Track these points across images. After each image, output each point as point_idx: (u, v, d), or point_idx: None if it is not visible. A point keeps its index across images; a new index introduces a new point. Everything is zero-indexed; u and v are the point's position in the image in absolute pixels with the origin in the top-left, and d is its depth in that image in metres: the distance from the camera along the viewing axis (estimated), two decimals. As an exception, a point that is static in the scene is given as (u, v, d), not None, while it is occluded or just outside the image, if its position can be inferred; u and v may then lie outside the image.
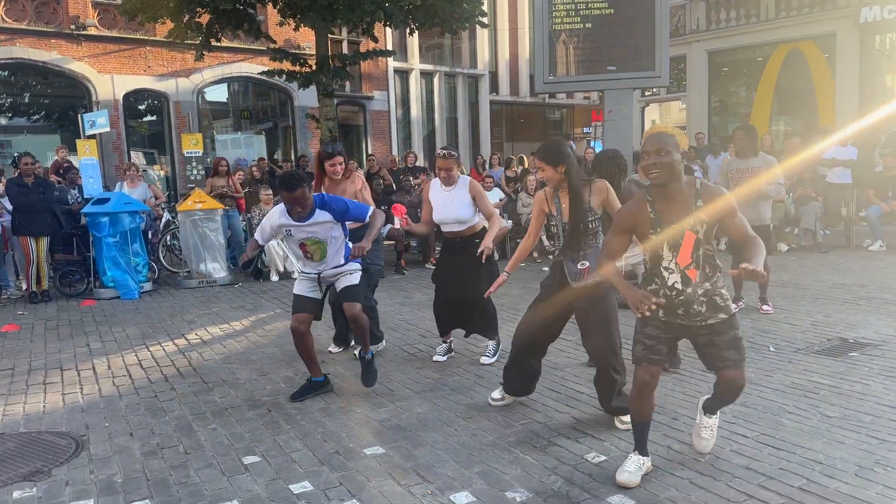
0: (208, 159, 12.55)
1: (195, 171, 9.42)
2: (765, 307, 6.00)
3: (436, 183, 4.72)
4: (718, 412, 3.23)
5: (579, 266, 3.55)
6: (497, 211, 5.10)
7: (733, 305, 2.93)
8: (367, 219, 4.12)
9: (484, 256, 4.36)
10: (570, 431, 3.57)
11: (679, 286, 2.84)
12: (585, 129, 23.56)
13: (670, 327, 2.94)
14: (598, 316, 3.55)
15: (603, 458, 3.24)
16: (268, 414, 3.99)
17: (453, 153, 4.61)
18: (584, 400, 4.02)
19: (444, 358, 4.93)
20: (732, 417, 3.65)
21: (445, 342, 5.01)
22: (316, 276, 4.14)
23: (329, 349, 5.28)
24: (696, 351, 3.02)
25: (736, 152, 6.22)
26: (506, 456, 3.30)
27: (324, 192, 4.45)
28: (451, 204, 4.60)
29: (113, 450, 3.54)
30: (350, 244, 4.19)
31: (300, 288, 4.21)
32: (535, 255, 9.55)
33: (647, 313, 2.76)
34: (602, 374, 3.61)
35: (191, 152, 9.51)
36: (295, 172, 4.12)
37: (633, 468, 2.98)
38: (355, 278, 4.13)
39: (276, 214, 4.08)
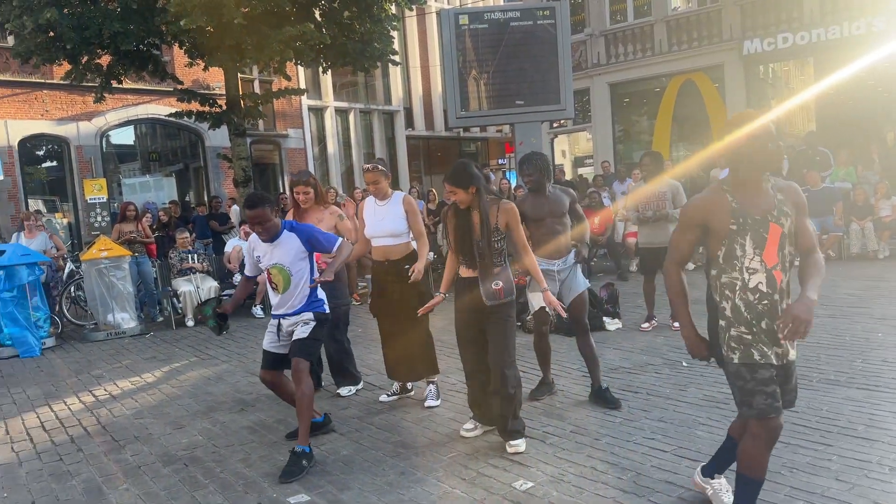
0: (115, 205, 12.04)
1: (100, 218, 9.01)
2: (676, 324, 6.27)
3: (370, 200, 4.70)
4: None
5: (493, 287, 3.65)
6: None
7: (645, 324, 2.81)
8: (334, 250, 4.00)
9: (413, 277, 4.37)
10: (498, 460, 3.59)
11: (764, 288, 2.47)
12: (500, 161, 24.17)
13: (770, 360, 2.49)
14: (498, 328, 3.68)
15: (530, 484, 3.26)
16: (184, 469, 3.80)
17: (378, 166, 4.59)
18: (510, 428, 4.05)
19: (394, 398, 4.78)
20: (651, 433, 3.78)
21: (395, 382, 4.87)
22: (277, 323, 3.99)
23: (339, 391, 5.01)
24: None
25: (643, 178, 6.54)
26: (434, 491, 3.27)
27: (293, 220, 4.33)
28: (385, 217, 4.57)
29: (12, 523, 3.27)
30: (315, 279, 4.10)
31: (266, 341, 4.05)
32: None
33: (704, 360, 2.60)
34: (498, 389, 3.62)
35: (94, 198, 9.12)
36: (261, 193, 4.04)
37: None
38: (306, 330, 3.90)
39: (251, 240, 4.03)
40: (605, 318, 6.47)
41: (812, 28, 14.43)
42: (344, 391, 5.00)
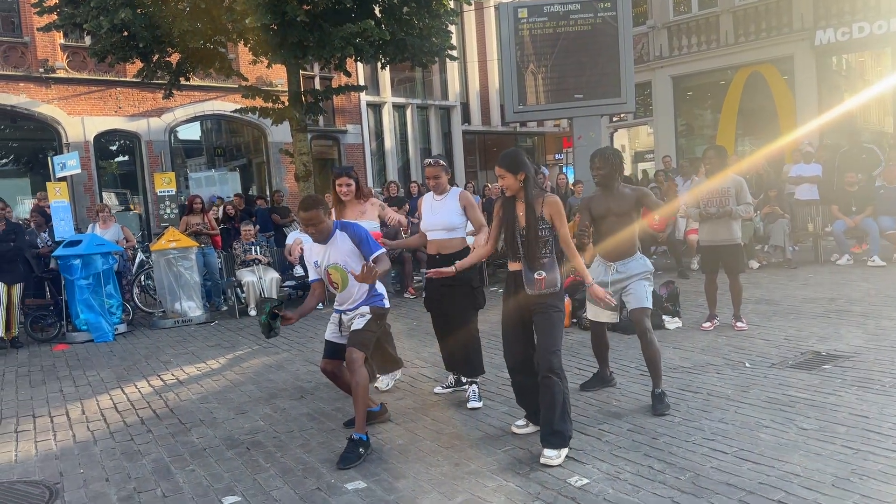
0: (182, 198, 12.51)
1: (169, 210, 9.38)
2: (739, 324, 6.08)
3: (428, 196, 4.78)
4: None
5: (535, 276, 3.62)
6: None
7: (707, 324, 2.61)
8: (371, 260, 3.92)
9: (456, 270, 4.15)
10: (553, 456, 3.57)
11: None
12: (557, 156, 23.91)
13: None
14: (545, 318, 3.63)
15: (585, 481, 3.24)
16: (247, 453, 3.93)
17: (440, 161, 4.66)
18: (565, 424, 4.03)
19: (449, 391, 4.83)
20: (711, 434, 3.69)
21: (450, 375, 4.93)
22: (338, 317, 4.08)
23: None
24: None
25: (706, 173, 6.35)
26: (489, 484, 3.29)
27: (344, 220, 4.40)
28: (440, 210, 4.62)
29: (88, 496, 3.46)
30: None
31: (328, 332, 4.17)
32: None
33: None
34: (542, 377, 3.55)
35: (164, 191, 9.50)
36: (315, 195, 4.12)
37: None
38: (362, 322, 3.98)
39: (307, 246, 4.12)
40: (664, 317, 6.34)
41: (890, 17, 13.71)
42: (382, 385, 5.02)
